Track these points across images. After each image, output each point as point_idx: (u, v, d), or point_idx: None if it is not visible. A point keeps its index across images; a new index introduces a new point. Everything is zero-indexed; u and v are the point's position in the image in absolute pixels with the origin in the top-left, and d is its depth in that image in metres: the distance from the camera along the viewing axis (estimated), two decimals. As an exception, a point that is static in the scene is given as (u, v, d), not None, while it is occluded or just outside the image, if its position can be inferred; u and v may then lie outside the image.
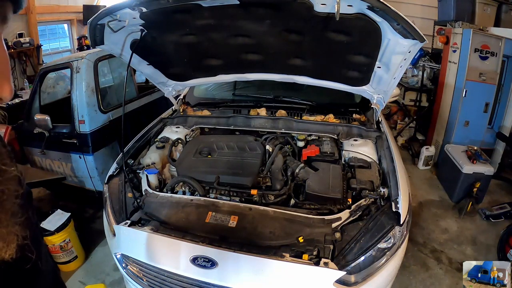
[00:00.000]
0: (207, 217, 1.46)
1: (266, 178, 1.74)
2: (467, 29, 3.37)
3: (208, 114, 2.36)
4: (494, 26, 3.67)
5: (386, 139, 1.94)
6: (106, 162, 2.78)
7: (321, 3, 1.27)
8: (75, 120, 2.67)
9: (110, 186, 1.77)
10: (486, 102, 3.45)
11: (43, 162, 3.01)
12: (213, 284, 1.32)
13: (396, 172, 1.62)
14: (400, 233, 1.39)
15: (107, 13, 1.45)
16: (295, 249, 1.33)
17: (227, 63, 2.04)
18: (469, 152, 3.14)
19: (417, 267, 2.42)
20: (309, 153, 1.87)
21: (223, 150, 1.88)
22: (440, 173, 3.69)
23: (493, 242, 2.60)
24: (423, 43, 1.33)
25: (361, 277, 1.31)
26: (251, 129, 2.16)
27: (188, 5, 1.40)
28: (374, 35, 1.41)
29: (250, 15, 1.50)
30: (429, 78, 4.45)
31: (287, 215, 1.43)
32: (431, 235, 2.76)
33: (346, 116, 2.24)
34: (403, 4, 5.24)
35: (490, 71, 3.37)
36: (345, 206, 1.51)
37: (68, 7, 6.16)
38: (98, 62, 2.79)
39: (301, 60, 1.87)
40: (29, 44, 5.16)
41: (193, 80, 2.29)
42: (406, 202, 1.47)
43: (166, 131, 2.24)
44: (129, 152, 1.97)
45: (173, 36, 1.75)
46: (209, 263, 1.30)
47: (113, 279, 2.33)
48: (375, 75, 1.79)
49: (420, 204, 3.20)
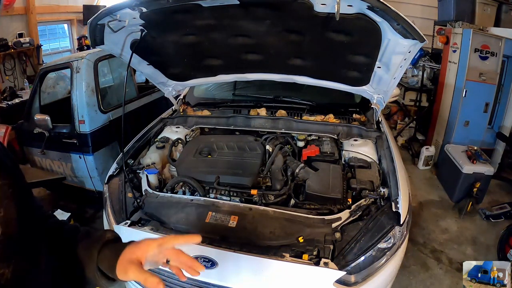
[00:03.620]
0: (207, 217, 1.46)
1: (266, 178, 1.74)
2: (467, 29, 3.37)
3: (208, 114, 2.36)
4: (494, 26, 3.67)
5: (386, 139, 1.94)
6: (106, 162, 2.78)
7: (321, 3, 1.27)
8: (75, 120, 2.67)
9: (110, 186, 1.77)
10: (486, 102, 3.45)
11: (43, 162, 3.01)
12: (213, 284, 1.32)
13: (396, 172, 1.62)
14: (400, 233, 1.39)
15: (107, 13, 1.45)
16: (295, 249, 1.33)
17: (227, 63, 2.04)
18: (469, 152, 3.14)
19: (417, 267, 2.42)
20: (309, 153, 1.87)
21: (223, 150, 1.87)
22: (440, 173, 3.69)
23: (493, 242, 2.60)
24: (423, 43, 1.33)
25: (361, 277, 1.31)
26: (251, 129, 2.16)
27: (188, 5, 1.39)
28: (374, 35, 1.41)
29: (250, 15, 1.50)
30: (429, 78, 4.46)
31: (287, 215, 1.43)
32: (431, 235, 2.76)
33: (346, 116, 2.24)
34: (403, 4, 5.24)
35: (490, 71, 3.37)
36: (345, 206, 1.51)
37: (68, 7, 6.15)
38: (98, 62, 2.79)
39: (301, 60, 1.87)
40: (29, 44, 5.15)
41: (193, 80, 2.29)
42: (406, 202, 1.47)
43: (166, 131, 2.24)
44: (129, 152, 1.97)
45: (173, 36, 1.75)
46: (209, 263, 1.30)
47: (113, 279, 2.33)
48: (375, 75, 1.79)
49: (420, 204, 3.20)
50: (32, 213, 0.64)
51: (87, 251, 0.72)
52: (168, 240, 0.72)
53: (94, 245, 0.72)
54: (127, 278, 0.69)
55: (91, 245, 0.73)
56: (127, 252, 0.70)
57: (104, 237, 0.75)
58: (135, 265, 0.68)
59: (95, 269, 0.71)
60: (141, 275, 0.67)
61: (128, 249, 0.71)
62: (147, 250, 0.70)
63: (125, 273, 0.68)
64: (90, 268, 0.71)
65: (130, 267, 0.68)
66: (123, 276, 0.69)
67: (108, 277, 0.72)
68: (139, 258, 0.69)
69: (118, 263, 0.69)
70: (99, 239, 0.74)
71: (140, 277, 0.66)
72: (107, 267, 0.70)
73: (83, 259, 0.72)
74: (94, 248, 0.72)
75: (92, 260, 0.71)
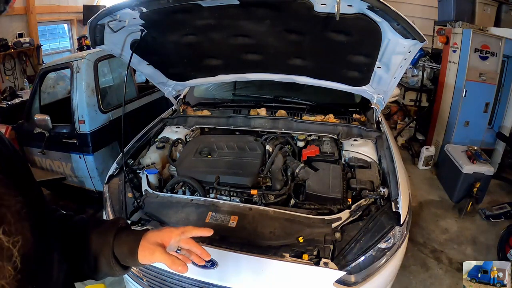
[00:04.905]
0: (207, 217, 1.46)
1: (266, 178, 1.74)
2: (467, 29, 3.37)
3: (208, 114, 2.36)
4: (494, 26, 3.67)
5: (386, 139, 1.94)
6: (106, 162, 2.78)
7: (321, 3, 1.27)
8: (75, 120, 2.67)
9: (110, 186, 1.77)
10: (486, 102, 3.46)
11: (43, 162, 3.01)
12: (213, 284, 1.32)
13: (396, 172, 1.62)
14: (400, 233, 1.39)
15: (107, 13, 1.44)
16: (295, 249, 1.32)
17: (227, 63, 2.04)
18: (469, 152, 3.14)
19: (417, 267, 2.42)
20: (309, 153, 1.87)
21: (223, 150, 1.87)
22: (440, 173, 3.69)
23: (493, 242, 2.60)
24: (423, 43, 1.33)
25: (361, 277, 1.31)
26: (251, 129, 2.16)
27: (188, 5, 1.39)
28: (374, 35, 1.41)
29: (250, 15, 1.50)
30: (429, 78, 4.46)
31: (287, 215, 1.43)
32: (431, 235, 2.76)
33: (346, 116, 2.24)
34: (403, 4, 5.24)
35: (490, 71, 3.37)
36: (345, 206, 1.50)
37: (68, 7, 6.16)
38: (98, 62, 2.79)
39: (301, 60, 1.87)
40: (29, 44, 5.16)
41: (193, 80, 2.29)
42: (406, 202, 1.47)
43: (166, 131, 2.24)
44: (129, 152, 1.97)
45: (173, 36, 1.75)
46: (209, 263, 1.30)
47: (113, 279, 2.33)
48: (375, 75, 1.79)
49: (420, 204, 3.20)
50: (45, 224, 0.61)
51: (102, 237, 0.73)
52: (189, 229, 0.76)
53: (109, 230, 0.74)
54: (153, 259, 0.71)
55: (106, 231, 0.74)
56: (151, 236, 0.73)
57: (118, 223, 0.77)
58: (161, 248, 0.72)
59: (110, 255, 0.72)
60: (168, 256, 0.71)
61: (151, 233, 0.74)
62: (170, 236, 0.74)
63: (152, 255, 0.71)
64: (105, 254, 0.72)
65: (156, 248, 0.71)
66: (148, 257, 0.71)
67: (122, 264, 0.73)
68: (164, 242, 0.73)
69: (142, 245, 0.72)
70: (114, 225, 0.76)
71: (167, 258, 0.70)
72: (126, 251, 0.72)
73: (97, 246, 0.72)
74: (109, 233, 0.73)
75: (107, 245, 0.72)
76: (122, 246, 0.72)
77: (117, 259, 0.72)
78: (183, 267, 0.70)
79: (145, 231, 0.75)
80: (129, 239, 0.73)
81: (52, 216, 0.72)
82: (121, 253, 0.72)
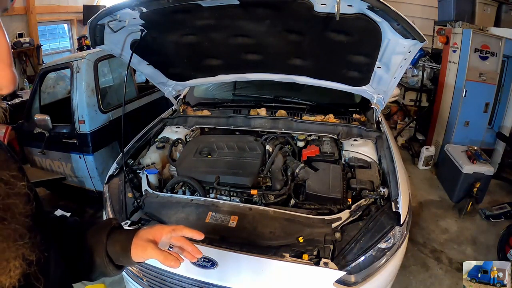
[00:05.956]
0: (207, 217, 1.46)
1: (266, 178, 1.74)
2: (467, 29, 3.37)
3: (208, 114, 2.36)
4: (494, 26, 3.67)
5: (386, 139, 1.94)
6: (106, 162, 2.78)
7: (321, 3, 1.27)
8: (75, 120, 2.67)
9: (110, 186, 1.77)
10: (486, 102, 3.45)
11: (43, 162, 3.01)
12: (213, 284, 1.32)
13: (396, 172, 1.62)
14: (400, 233, 1.39)
15: (107, 13, 1.45)
16: (295, 249, 1.32)
17: (227, 63, 2.04)
18: (469, 152, 3.14)
19: (417, 267, 2.42)
20: (309, 153, 1.87)
21: (223, 150, 1.87)
22: (440, 173, 3.69)
23: (493, 242, 2.60)
24: (423, 43, 1.33)
25: (361, 277, 1.31)
26: (251, 129, 2.16)
27: (188, 5, 1.39)
28: (374, 35, 1.41)
29: (250, 15, 1.50)
30: (429, 78, 4.45)
31: (287, 215, 1.43)
32: (431, 235, 2.76)
33: (346, 116, 2.24)
34: (403, 4, 5.24)
35: (490, 71, 3.37)
36: (345, 206, 1.51)
37: (68, 7, 6.15)
38: (98, 62, 2.79)
39: (301, 60, 1.87)
40: (29, 44, 5.15)
41: (193, 80, 2.29)
42: (406, 202, 1.47)
43: (166, 131, 2.24)
44: (129, 152, 1.97)
45: (173, 36, 1.75)
46: (209, 263, 1.30)
47: (113, 279, 2.32)
48: (375, 75, 1.79)
49: (420, 204, 3.20)
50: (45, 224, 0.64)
51: (95, 237, 0.74)
52: (180, 228, 0.77)
53: (102, 230, 0.75)
54: (145, 256, 0.72)
55: (99, 231, 0.75)
56: (142, 233, 0.75)
57: (111, 223, 0.78)
58: (153, 244, 0.73)
59: (104, 254, 0.73)
60: (160, 252, 0.71)
61: (142, 231, 0.75)
62: (161, 232, 0.75)
63: (144, 251, 0.72)
64: (99, 253, 0.73)
65: (148, 245, 0.72)
66: (140, 254, 0.72)
67: (116, 264, 0.74)
68: (155, 239, 0.74)
69: (134, 243, 0.73)
70: (107, 224, 0.77)
71: (159, 254, 0.71)
72: (119, 250, 0.73)
73: (92, 245, 0.73)
74: (102, 232, 0.74)
75: (101, 245, 0.73)
76: (115, 244, 0.73)
77: (111, 258, 0.73)
78: (175, 262, 0.70)
79: (138, 230, 0.76)
80: (121, 238, 0.75)
81: (48, 217, 0.74)
82: (114, 252, 0.73)
